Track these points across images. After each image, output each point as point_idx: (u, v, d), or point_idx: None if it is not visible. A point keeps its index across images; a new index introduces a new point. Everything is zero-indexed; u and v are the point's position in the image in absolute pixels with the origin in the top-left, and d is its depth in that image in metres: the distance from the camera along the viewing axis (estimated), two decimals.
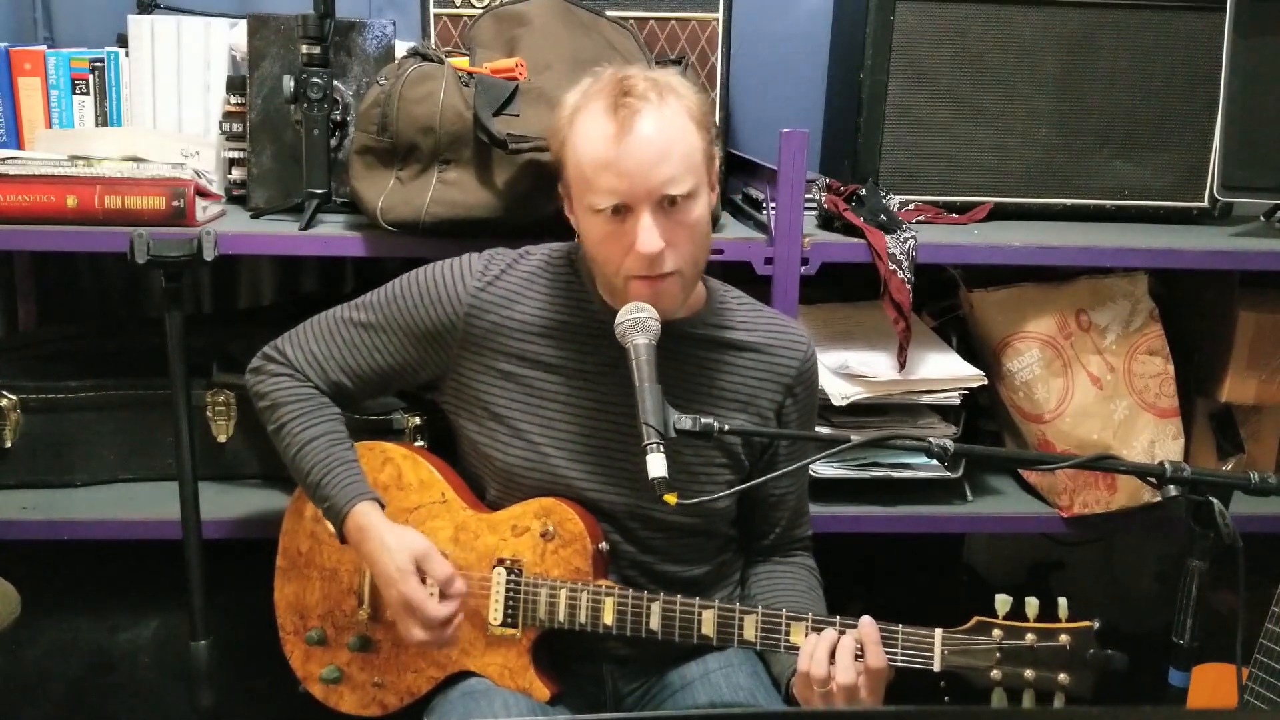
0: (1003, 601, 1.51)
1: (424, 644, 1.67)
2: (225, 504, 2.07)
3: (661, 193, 1.54)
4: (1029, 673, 1.50)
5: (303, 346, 1.78)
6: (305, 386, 1.77)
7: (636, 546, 1.73)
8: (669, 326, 1.59)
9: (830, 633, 1.53)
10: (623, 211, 1.55)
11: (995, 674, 1.50)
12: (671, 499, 1.45)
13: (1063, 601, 1.50)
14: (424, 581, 1.65)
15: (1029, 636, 1.50)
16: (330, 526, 1.72)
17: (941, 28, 2.19)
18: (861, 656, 1.52)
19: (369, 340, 1.75)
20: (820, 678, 1.50)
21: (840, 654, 1.51)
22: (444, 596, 1.65)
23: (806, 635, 1.56)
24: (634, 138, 1.52)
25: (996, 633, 1.51)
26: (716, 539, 1.79)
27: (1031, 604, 1.50)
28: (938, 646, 1.52)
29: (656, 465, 1.45)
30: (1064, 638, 1.49)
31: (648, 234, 1.53)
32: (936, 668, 1.52)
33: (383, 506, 1.71)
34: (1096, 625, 1.49)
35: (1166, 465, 1.46)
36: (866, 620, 1.54)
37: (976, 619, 1.53)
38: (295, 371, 1.77)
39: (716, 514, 1.75)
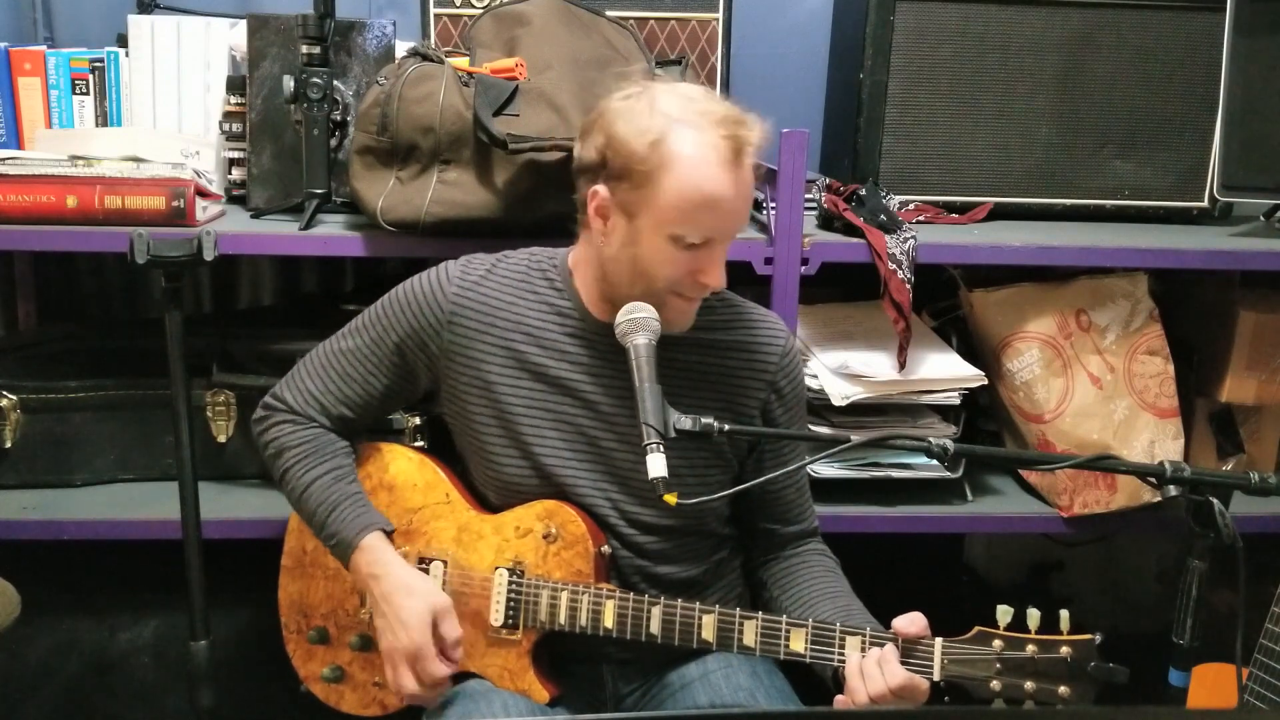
0: (1004, 612, 1.51)
1: (411, 696, 1.67)
2: (225, 504, 2.07)
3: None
4: (1029, 684, 1.49)
5: (300, 388, 1.78)
6: (308, 428, 1.77)
7: (628, 550, 1.73)
8: None
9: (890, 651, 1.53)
10: (699, 243, 1.58)
11: (995, 684, 1.50)
12: (672, 499, 1.46)
13: (1064, 613, 1.49)
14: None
15: (1030, 648, 1.49)
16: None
17: (941, 28, 2.19)
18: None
19: (361, 367, 1.75)
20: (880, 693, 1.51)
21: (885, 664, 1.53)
22: (446, 658, 1.65)
23: (807, 643, 1.57)
24: (744, 187, 1.58)
25: (997, 643, 1.50)
26: (710, 539, 1.79)
27: (1033, 615, 1.50)
28: (938, 656, 1.52)
29: (657, 465, 1.46)
30: (1065, 649, 1.48)
31: (719, 269, 1.61)
32: (936, 677, 1.51)
33: (390, 533, 1.71)
34: (1098, 638, 1.48)
35: (1166, 465, 1.46)
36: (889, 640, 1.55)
37: (977, 629, 1.52)
38: (296, 415, 1.78)
39: (708, 513, 1.75)
